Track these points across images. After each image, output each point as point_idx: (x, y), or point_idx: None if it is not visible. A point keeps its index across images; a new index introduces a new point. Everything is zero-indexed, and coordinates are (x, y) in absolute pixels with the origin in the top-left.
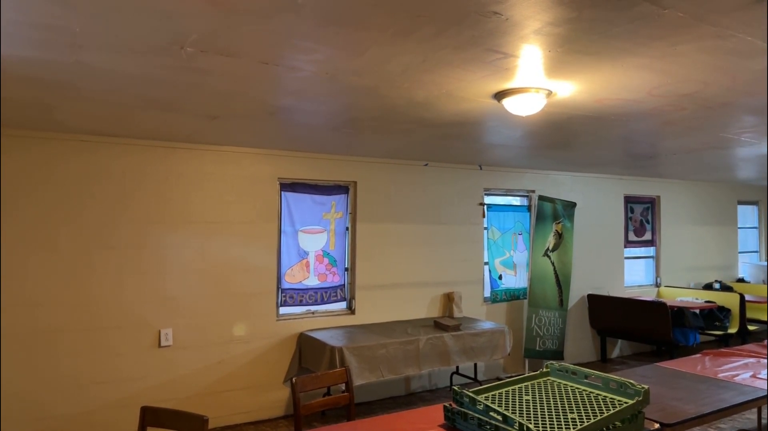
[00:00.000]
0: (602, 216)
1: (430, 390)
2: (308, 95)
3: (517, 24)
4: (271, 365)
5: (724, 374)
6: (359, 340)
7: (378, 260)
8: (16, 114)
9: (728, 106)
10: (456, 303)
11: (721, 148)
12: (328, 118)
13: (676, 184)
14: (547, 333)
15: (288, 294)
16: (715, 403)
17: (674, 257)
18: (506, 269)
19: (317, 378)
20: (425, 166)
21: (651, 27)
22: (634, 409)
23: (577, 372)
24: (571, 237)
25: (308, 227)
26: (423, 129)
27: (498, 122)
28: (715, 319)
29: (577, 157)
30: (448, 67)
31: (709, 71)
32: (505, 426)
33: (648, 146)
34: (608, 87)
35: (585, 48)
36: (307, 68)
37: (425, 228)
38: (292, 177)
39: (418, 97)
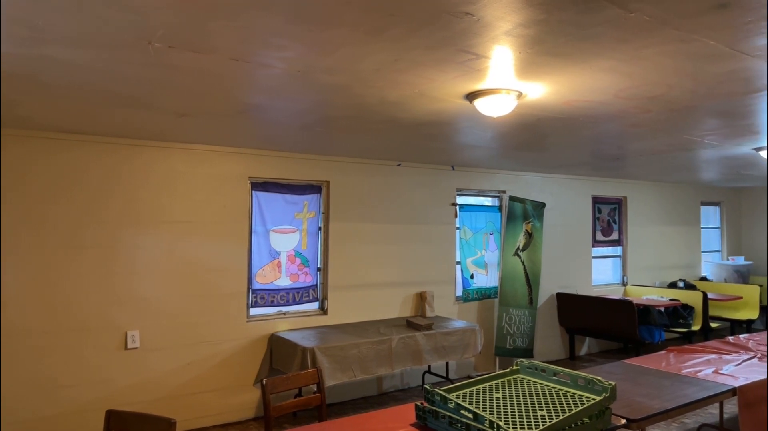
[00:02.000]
0: (571, 217)
1: (402, 389)
2: (280, 93)
3: (488, 25)
4: (241, 367)
5: (687, 370)
6: (331, 341)
7: (351, 260)
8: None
9: (692, 109)
10: (428, 303)
11: (685, 150)
12: (300, 116)
13: (642, 184)
14: (518, 331)
15: (259, 294)
16: (679, 398)
17: (640, 256)
18: (478, 268)
19: (288, 380)
20: (398, 166)
21: (618, 30)
22: (601, 405)
23: (546, 370)
24: (541, 236)
25: (280, 227)
26: (396, 129)
27: (470, 123)
28: (680, 317)
29: (546, 158)
30: (421, 67)
31: (674, 74)
32: (476, 424)
33: (615, 148)
34: (577, 89)
35: (554, 50)
36: (279, 65)
37: (398, 228)
38: (263, 176)
39: (391, 96)
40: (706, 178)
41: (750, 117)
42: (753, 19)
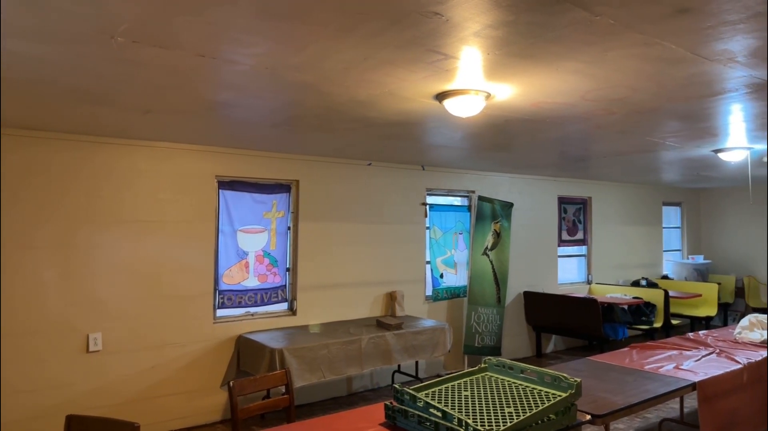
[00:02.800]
0: (537, 216)
1: (371, 389)
2: (247, 90)
3: (457, 25)
4: (207, 369)
5: (650, 366)
6: (300, 341)
7: (320, 260)
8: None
9: (654, 112)
10: (398, 302)
11: (648, 152)
12: (269, 114)
13: (606, 185)
14: (486, 329)
15: (226, 295)
16: (642, 394)
17: (604, 255)
18: (447, 268)
19: (256, 381)
20: (368, 165)
21: (584, 33)
22: (567, 402)
23: (513, 367)
24: (509, 236)
25: (248, 226)
26: (366, 128)
27: (439, 123)
28: (642, 314)
29: (514, 159)
30: (390, 66)
31: (637, 77)
32: (445, 422)
33: (581, 149)
34: (544, 90)
35: (522, 51)
36: (246, 62)
37: (368, 228)
38: (230, 175)
39: (361, 95)
40: (668, 179)
41: (709, 120)
42: (712, 24)
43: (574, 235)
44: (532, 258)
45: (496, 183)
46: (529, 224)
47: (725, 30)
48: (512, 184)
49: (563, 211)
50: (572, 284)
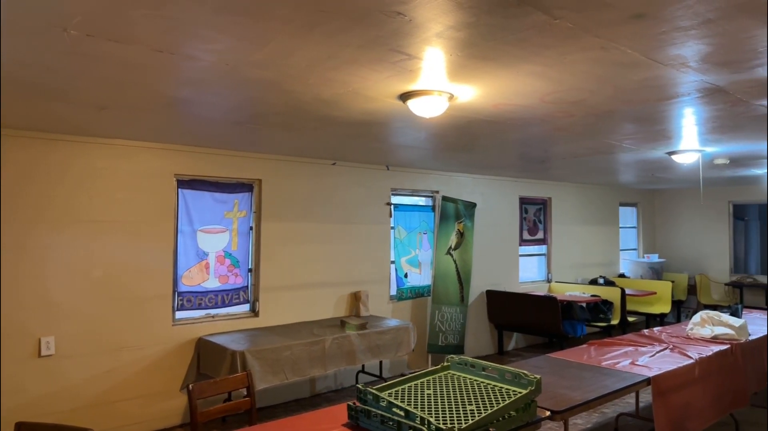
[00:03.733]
0: (499, 216)
1: (335, 390)
2: (208, 87)
3: (420, 26)
4: (166, 372)
5: (607, 362)
6: (262, 343)
7: (284, 260)
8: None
9: (611, 114)
10: (363, 302)
11: (605, 153)
12: (230, 112)
13: (565, 186)
14: (449, 328)
15: (185, 297)
16: (599, 389)
17: (564, 254)
18: (412, 267)
19: (216, 384)
20: (333, 165)
21: (543, 36)
22: (527, 399)
23: (475, 365)
24: (472, 236)
25: (208, 226)
26: (330, 127)
27: (404, 123)
28: (600, 312)
29: (477, 160)
30: (354, 65)
31: (595, 80)
32: (407, 421)
33: (541, 150)
34: (505, 92)
35: (484, 53)
36: (206, 58)
37: (333, 228)
38: (190, 173)
39: (324, 94)
40: (624, 180)
41: (664, 123)
42: (666, 30)
43: (534, 235)
44: (495, 258)
45: (459, 183)
46: (492, 224)
47: (678, 35)
48: (475, 185)
49: (524, 211)
50: (533, 283)
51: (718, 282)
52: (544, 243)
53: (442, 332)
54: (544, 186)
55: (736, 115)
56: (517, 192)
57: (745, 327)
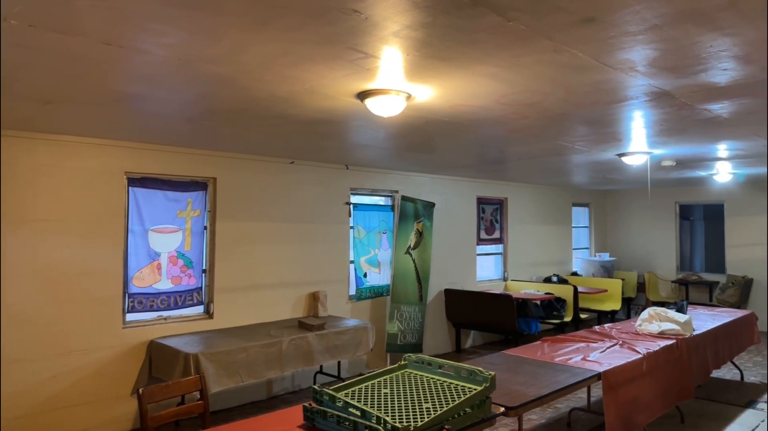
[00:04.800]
0: (458, 216)
1: (293, 391)
2: (159, 82)
3: (376, 24)
4: (116, 377)
5: (559, 358)
6: (217, 345)
7: (239, 260)
8: None
9: (564, 117)
10: (321, 303)
11: (559, 155)
12: (184, 108)
13: (521, 186)
14: (408, 327)
15: (136, 299)
16: (552, 385)
17: (519, 253)
18: (371, 267)
19: (168, 387)
20: (291, 163)
21: (498, 37)
22: (482, 395)
23: (432, 363)
24: (431, 235)
25: (160, 226)
26: (287, 125)
27: (362, 122)
28: (554, 309)
29: (436, 160)
30: (310, 63)
31: (548, 83)
32: (363, 421)
33: (497, 151)
34: (461, 93)
35: (440, 53)
36: (157, 52)
37: (290, 227)
38: (142, 171)
39: (281, 91)
40: (577, 181)
41: (614, 125)
42: (615, 34)
43: (491, 234)
44: (453, 257)
45: (418, 183)
46: (450, 223)
47: (626, 40)
48: (434, 185)
49: (482, 211)
50: (490, 281)
51: (666, 279)
52: (501, 243)
53: (401, 331)
54: (501, 186)
55: (681, 119)
56: (474, 192)
57: (689, 322)
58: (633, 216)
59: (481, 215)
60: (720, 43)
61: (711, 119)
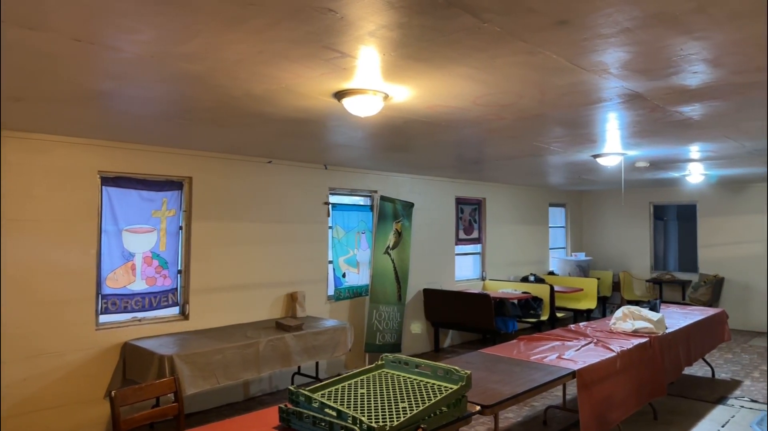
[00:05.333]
0: (436, 216)
1: (270, 393)
2: (132, 80)
3: (352, 24)
4: (89, 379)
5: (535, 357)
6: (192, 347)
7: (216, 261)
8: None
9: (539, 118)
10: (299, 303)
11: (535, 156)
12: (158, 106)
13: (499, 187)
14: (387, 327)
15: (110, 300)
16: (528, 383)
17: (497, 253)
18: (350, 267)
19: (141, 390)
20: (269, 163)
21: (473, 38)
22: (458, 394)
23: (408, 363)
24: (410, 235)
25: (134, 226)
26: (264, 124)
27: (340, 122)
28: (530, 308)
29: (415, 160)
30: (286, 61)
31: (523, 84)
32: (339, 421)
33: (475, 152)
34: (439, 94)
35: (417, 54)
36: (129, 49)
37: (268, 227)
38: (115, 170)
39: (256, 89)
40: (554, 182)
41: (588, 127)
42: (588, 36)
43: (470, 234)
44: (432, 257)
45: (397, 183)
46: (429, 223)
47: (599, 43)
48: (413, 185)
49: (460, 211)
50: (468, 281)
51: (640, 279)
52: (479, 242)
53: (379, 331)
54: (479, 186)
55: (654, 121)
56: (453, 192)
57: (662, 321)
58: (608, 217)
59: (460, 215)
60: (690, 47)
61: (683, 121)
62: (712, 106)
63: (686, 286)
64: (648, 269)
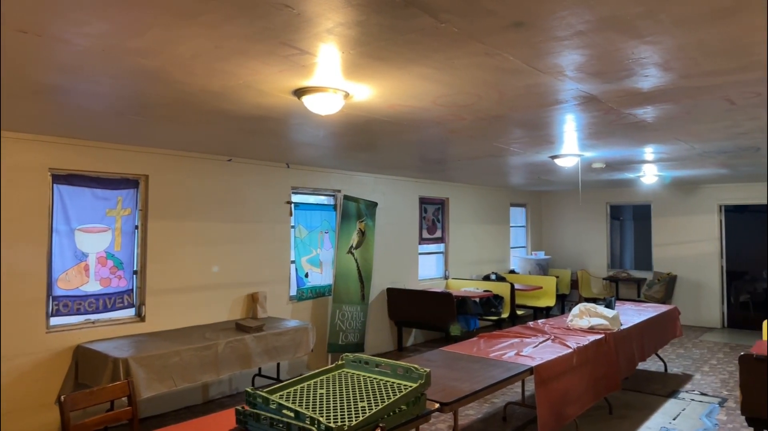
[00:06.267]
0: (400, 216)
1: (230, 395)
2: (84, 74)
3: (309, 20)
4: (39, 384)
5: (494, 354)
6: (148, 349)
7: (174, 261)
8: None
9: (499, 119)
10: (260, 304)
11: (496, 156)
12: (112, 102)
13: (462, 187)
14: (350, 327)
15: (62, 302)
16: (486, 380)
17: (460, 252)
18: (313, 267)
19: (92, 394)
20: (229, 161)
21: (431, 39)
22: (417, 392)
23: (369, 362)
24: (373, 235)
25: (88, 225)
26: (223, 121)
27: (301, 120)
28: (492, 306)
29: (378, 159)
30: (243, 57)
31: (481, 85)
32: (297, 422)
33: (438, 152)
34: (399, 93)
35: (376, 53)
36: (80, 42)
37: (229, 227)
38: (68, 168)
39: (213, 85)
40: (515, 182)
41: (546, 128)
42: (543, 39)
43: (433, 234)
44: (395, 256)
45: (361, 182)
46: (393, 223)
47: (554, 45)
48: (377, 184)
49: (424, 211)
50: (431, 280)
51: (597, 277)
52: (443, 242)
53: (342, 331)
54: (443, 186)
55: (609, 123)
56: (417, 192)
57: (617, 317)
58: (567, 216)
59: (424, 215)
60: (641, 51)
61: (636, 123)
62: (663, 109)
63: (641, 284)
64: (605, 267)
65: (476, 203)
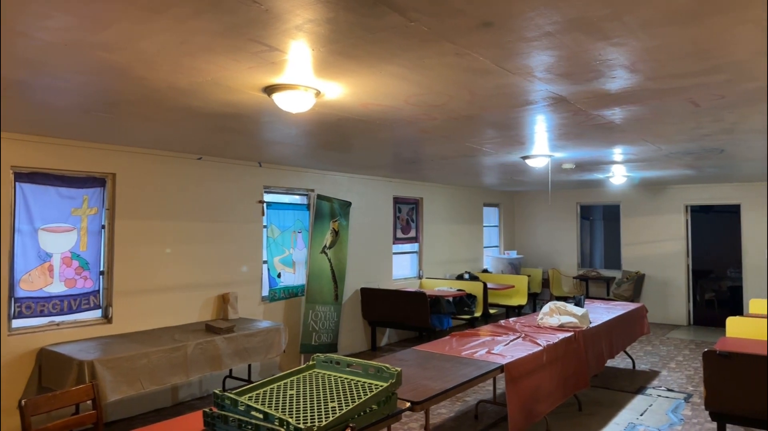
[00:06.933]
0: (374, 215)
1: (200, 397)
2: (46, 69)
3: (277, 17)
4: (1, 388)
5: (466, 352)
6: (115, 351)
7: (142, 262)
8: None
9: (470, 119)
10: (231, 305)
11: (468, 156)
12: (77, 98)
13: (436, 187)
14: (323, 327)
15: (24, 303)
16: (458, 378)
17: (434, 252)
18: (285, 267)
19: (55, 398)
20: (199, 159)
21: (401, 37)
22: (387, 392)
23: (340, 362)
24: (347, 234)
25: (52, 225)
26: (192, 118)
27: (272, 118)
28: (465, 305)
29: (351, 159)
30: (211, 53)
31: (452, 85)
32: (265, 424)
33: (411, 151)
34: (371, 92)
35: (346, 50)
36: (41, 36)
37: (198, 227)
38: (31, 166)
39: (181, 82)
40: (487, 182)
41: (517, 129)
42: (512, 39)
43: (407, 233)
44: (369, 256)
45: (335, 182)
46: (367, 223)
47: (523, 46)
48: (350, 184)
49: (398, 211)
50: (405, 279)
51: (568, 275)
52: (417, 242)
53: (315, 331)
54: (417, 186)
55: (578, 124)
56: (391, 191)
57: (586, 315)
58: (538, 216)
59: (398, 214)
60: (608, 52)
61: (604, 124)
62: (630, 111)
63: (610, 283)
64: (575, 266)
65: (450, 203)
